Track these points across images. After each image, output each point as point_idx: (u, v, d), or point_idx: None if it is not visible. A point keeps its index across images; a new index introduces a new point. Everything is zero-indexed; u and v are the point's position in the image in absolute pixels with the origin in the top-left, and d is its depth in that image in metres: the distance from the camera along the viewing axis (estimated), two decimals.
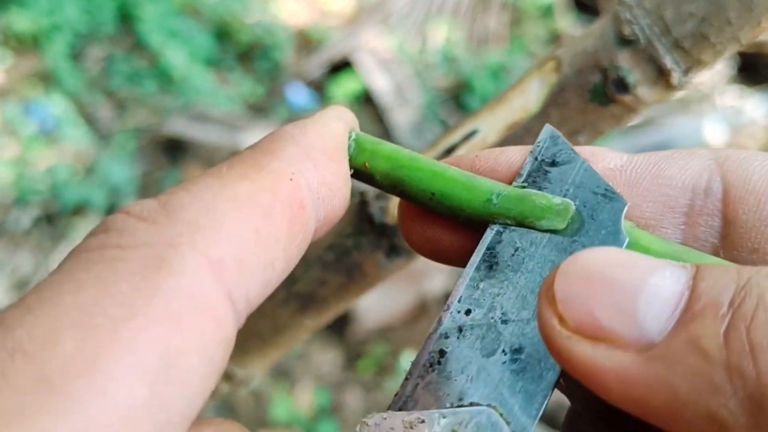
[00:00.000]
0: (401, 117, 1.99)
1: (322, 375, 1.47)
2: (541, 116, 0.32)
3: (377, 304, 1.49)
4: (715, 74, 2.11)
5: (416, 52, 2.24)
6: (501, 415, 0.19)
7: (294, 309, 0.37)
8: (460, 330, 0.20)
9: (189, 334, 0.16)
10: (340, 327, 1.52)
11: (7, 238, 1.68)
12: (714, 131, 1.96)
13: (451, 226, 0.24)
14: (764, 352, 0.15)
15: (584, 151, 0.23)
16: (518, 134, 0.32)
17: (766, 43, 2.03)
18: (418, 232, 0.24)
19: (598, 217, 0.21)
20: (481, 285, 0.21)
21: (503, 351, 0.20)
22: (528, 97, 0.32)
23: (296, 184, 0.20)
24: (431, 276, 1.52)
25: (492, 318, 0.20)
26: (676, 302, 0.17)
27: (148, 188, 1.83)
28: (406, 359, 1.46)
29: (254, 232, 0.18)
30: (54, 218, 1.73)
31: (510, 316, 0.20)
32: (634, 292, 0.17)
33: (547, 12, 2.35)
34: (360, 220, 0.35)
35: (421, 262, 0.36)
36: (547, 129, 0.23)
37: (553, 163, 0.22)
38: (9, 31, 2.05)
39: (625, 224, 0.21)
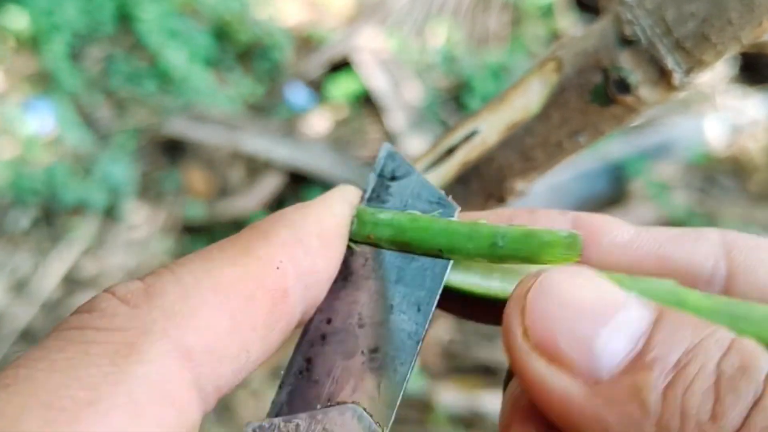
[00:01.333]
0: (401, 117, 1.99)
1: None
2: (542, 116, 0.32)
3: None
4: (716, 74, 2.11)
5: (416, 52, 2.24)
6: (364, 409, 0.20)
7: None
8: (323, 338, 0.22)
9: (148, 422, 0.16)
10: None
11: (6, 238, 1.68)
12: (715, 131, 1.96)
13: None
14: (691, 420, 0.16)
15: (596, 220, 0.23)
16: (519, 135, 0.32)
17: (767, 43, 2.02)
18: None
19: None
20: (340, 294, 0.23)
21: (362, 352, 0.22)
22: (529, 98, 0.32)
23: (282, 273, 0.20)
24: None
25: (350, 323, 0.22)
26: (631, 345, 0.18)
27: (147, 188, 1.83)
28: None
29: (230, 320, 0.18)
30: (53, 218, 1.73)
31: (365, 320, 0.22)
32: (597, 327, 0.18)
33: (548, 12, 2.35)
34: None
35: None
36: (386, 147, 0.25)
37: (393, 178, 0.24)
38: (8, 30, 2.05)
39: (670, 282, 0.21)
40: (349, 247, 0.23)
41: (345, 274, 0.23)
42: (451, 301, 0.24)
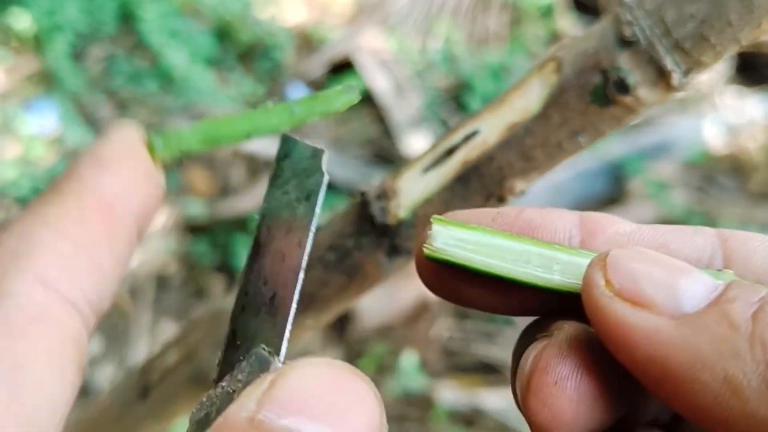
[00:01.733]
0: (401, 117, 1.99)
1: None
2: (542, 117, 0.32)
3: (378, 303, 1.49)
4: (715, 74, 2.11)
5: (416, 52, 2.24)
6: (269, 352, 0.23)
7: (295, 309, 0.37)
8: (243, 308, 0.25)
9: (33, 339, 0.18)
10: (340, 326, 1.52)
11: None
12: (713, 131, 1.96)
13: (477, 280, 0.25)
14: None
15: (600, 216, 0.25)
16: (519, 135, 0.33)
17: (766, 43, 2.02)
18: (441, 283, 0.26)
19: (309, 171, 0.26)
20: (254, 267, 0.25)
21: (264, 304, 0.24)
22: (529, 98, 0.32)
23: (97, 192, 0.22)
24: None
25: (258, 286, 0.24)
26: (711, 290, 0.20)
27: None
28: (407, 358, 1.47)
29: (71, 241, 0.21)
30: None
31: (268, 278, 0.24)
32: (677, 276, 0.20)
33: (547, 12, 2.35)
34: (361, 220, 0.35)
35: None
36: (281, 135, 0.27)
37: (285, 156, 0.26)
38: (10, 30, 2.05)
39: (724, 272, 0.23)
40: (264, 227, 0.25)
41: (255, 249, 0.25)
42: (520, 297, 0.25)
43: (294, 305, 0.24)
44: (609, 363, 0.21)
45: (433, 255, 0.24)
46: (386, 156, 1.91)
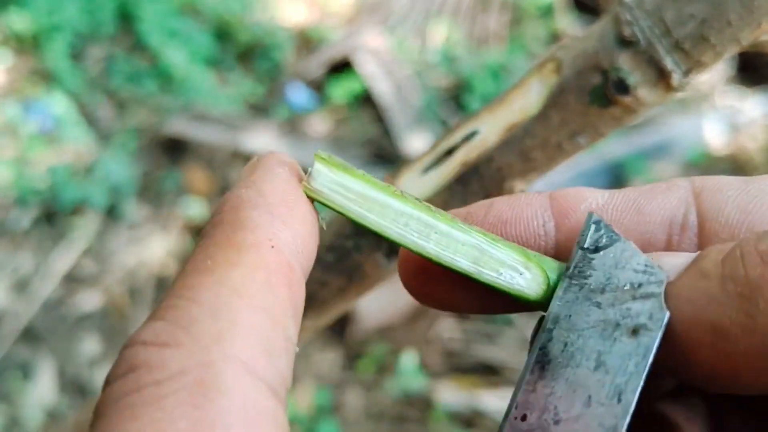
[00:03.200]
0: (401, 117, 1.99)
1: (323, 375, 1.47)
2: (542, 117, 0.32)
3: (377, 304, 1.49)
4: (715, 74, 2.11)
5: (416, 52, 2.24)
6: None
7: None
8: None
9: None
10: (340, 327, 1.52)
11: (7, 237, 1.68)
12: (714, 131, 1.96)
13: (452, 281, 0.24)
14: (751, 255, 0.18)
15: (567, 193, 0.24)
16: (518, 135, 0.32)
17: (766, 42, 2.02)
18: (421, 287, 0.25)
19: (639, 293, 0.21)
20: (537, 386, 0.21)
21: None
22: (528, 99, 0.32)
23: (278, 249, 0.20)
24: None
25: (545, 420, 0.20)
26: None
27: (148, 188, 1.83)
28: (407, 359, 1.47)
29: (267, 315, 0.18)
30: (54, 218, 1.73)
31: (561, 415, 0.20)
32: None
33: (547, 12, 2.35)
34: None
35: None
36: (590, 217, 0.23)
37: (596, 249, 0.22)
38: (9, 30, 2.05)
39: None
40: (548, 330, 0.22)
41: (542, 363, 0.21)
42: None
43: None
44: None
45: (311, 195, 0.23)
46: (386, 156, 1.91)
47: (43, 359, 1.48)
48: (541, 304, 0.22)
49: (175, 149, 1.91)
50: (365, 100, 2.08)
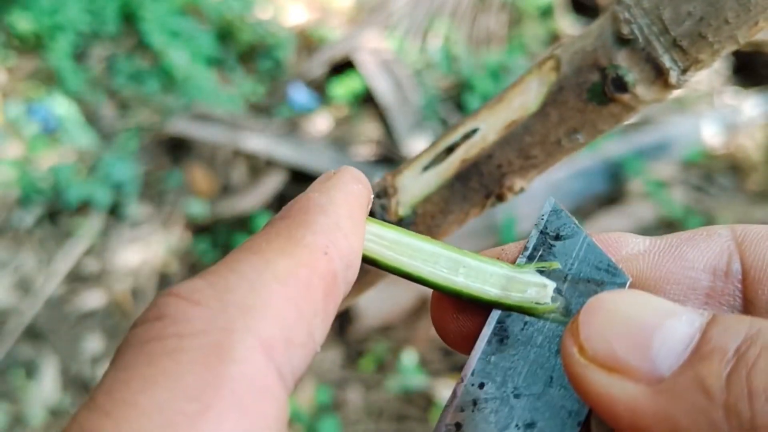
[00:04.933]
0: (401, 116, 1.99)
1: (323, 372, 1.48)
2: (541, 115, 0.32)
3: (378, 302, 1.49)
4: (714, 73, 2.11)
5: (416, 52, 2.24)
6: None
7: None
8: (474, 403, 0.21)
9: (255, 419, 0.17)
10: (341, 325, 1.52)
11: (11, 236, 1.69)
12: (712, 130, 1.96)
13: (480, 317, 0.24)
14: (759, 397, 0.16)
15: (609, 238, 0.24)
16: (518, 133, 0.33)
17: (765, 42, 2.03)
18: (449, 327, 0.25)
19: (602, 291, 0.22)
20: (493, 359, 0.22)
21: (516, 425, 0.20)
22: (527, 96, 0.32)
23: (330, 257, 0.20)
24: None
25: (504, 392, 0.21)
26: (687, 342, 0.18)
27: (150, 187, 1.84)
28: (407, 357, 1.47)
29: (296, 308, 0.19)
30: (57, 217, 1.74)
31: (521, 390, 0.21)
32: (650, 330, 0.18)
33: (546, 12, 2.35)
34: None
35: None
36: (550, 201, 0.24)
37: (558, 237, 0.23)
38: (12, 30, 2.05)
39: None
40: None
41: (501, 337, 0.22)
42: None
43: None
44: None
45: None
46: (386, 156, 1.91)
47: (46, 357, 1.48)
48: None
49: (177, 148, 1.91)
50: (366, 99, 2.08)
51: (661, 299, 0.19)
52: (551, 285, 0.22)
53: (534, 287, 0.22)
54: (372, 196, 0.24)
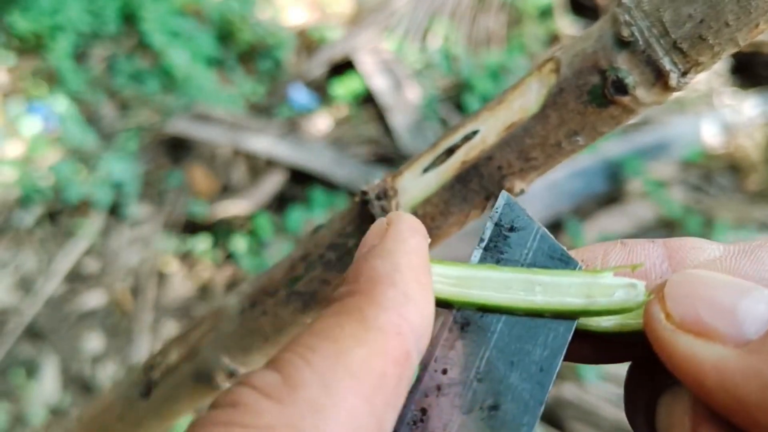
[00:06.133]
0: (401, 116, 1.99)
1: None
2: (541, 117, 0.32)
3: None
4: (713, 74, 2.11)
5: (416, 52, 2.24)
6: None
7: (296, 308, 0.38)
8: (438, 388, 0.22)
9: None
10: None
11: (11, 236, 1.69)
12: (711, 130, 1.97)
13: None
14: None
15: (686, 243, 0.24)
16: (518, 135, 0.33)
17: (764, 43, 2.03)
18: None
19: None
20: (456, 344, 0.22)
21: (480, 408, 0.21)
22: (527, 98, 0.32)
23: (403, 337, 0.20)
24: None
25: (467, 377, 0.21)
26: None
27: (150, 187, 1.84)
28: None
29: (369, 405, 0.19)
30: (57, 217, 1.74)
31: (483, 375, 0.21)
32: (735, 299, 0.20)
33: (546, 13, 2.35)
34: (361, 219, 0.35)
35: None
36: (503, 195, 0.24)
37: (512, 229, 0.23)
38: (12, 30, 2.05)
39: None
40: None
41: (462, 324, 0.22)
42: (582, 347, 0.24)
43: None
44: None
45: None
46: (386, 156, 1.91)
47: (47, 356, 1.48)
48: None
49: (177, 148, 1.91)
50: (366, 99, 2.08)
51: (741, 279, 0.21)
52: (640, 283, 0.22)
53: (621, 289, 0.22)
54: (429, 240, 0.23)
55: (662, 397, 0.23)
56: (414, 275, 0.21)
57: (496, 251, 0.23)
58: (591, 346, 0.25)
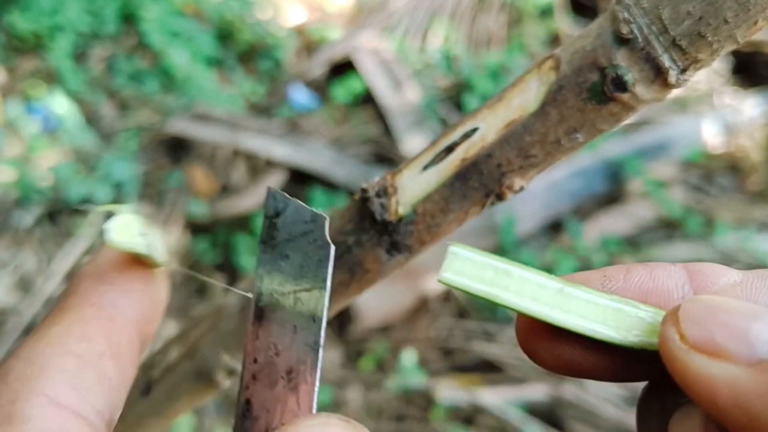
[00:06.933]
0: (401, 116, 1.99)
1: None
2: (540, 114, 0.32)
3: (378, 302, 1.49)
4: (713, 73, 2.11)
5: (416, 52, 2.25)
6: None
7: None
8: (254, 377, 0.24)
9: None
10: (340, 325, 1.52)
11: (11, 236, 1.69)
12: (711, 131, 1.97)
13: (578, 343, 0.25)
14: None
15: (706, 267, 0.25)
16: (517, 132, 0.33)
17: (764, 42, 2.03)
18: (543, 351, 0.26)
19: (311, 238, 0.26)
20: (259, 333, 0.25)
21: (281, 377, 0.24)
22: (527, 96, 0.32)
23: (98, 306, 0.23)
24: (431, 275, 1.52)
25: (269, 356, 0.24)
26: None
27: (150, 187, 1.84)
28: (407, 356, 1.47)
29: (76, 358, 0.22)
30: (57, 217, 1.74)
31: (280, 348, 0.24)
32: (749, 321, 0.20)
33: (546, 12, 2.35)
34: (361, 216, 0.35)
35: (421, 261, 0.36)
36: (267, 190, 0.26)
37: (277, 215, 0.26)
38: (12, 30, 2.05)
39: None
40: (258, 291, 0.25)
41: (258, 314, 0.25)
42: (597, 362, 0.25)
43: (317, 383, 0.24)
44: None
45: (446, 284, 0.24)
46: (386, 155, 1.91)
47: None
48: None
49: (176, 148, 1.92)
50: (366, 99, 2.08)
51: (754, 304, 0.21)
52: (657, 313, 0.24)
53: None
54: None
55: (674, 415, 0.23)
56: (109, 267, 0.25)
57: (270, 239, 0.26)
58: (608, 361, 0.25)
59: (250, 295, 0.26)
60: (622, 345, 0.23)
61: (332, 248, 0.24)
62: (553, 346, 0.25)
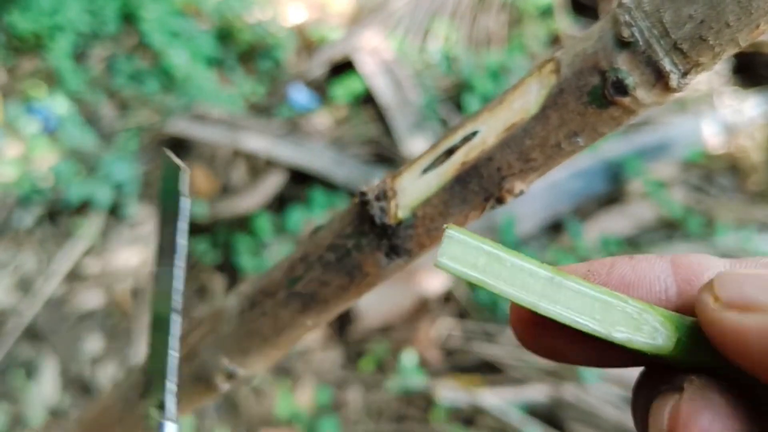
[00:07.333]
0: (401, 116, 1.99)
1: (323, 373, 1.48)
2: (541, 118, 0.32)
3: (378, 303, 1.49)
4: (714, 74, 2.11)
5: (416, 52, 2.24)
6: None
7: (295, 309, 0.38)
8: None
9: None
10: (341, 326, 1.52)
11: (11, 236, 1.69)
12: (712, 131, 1.96)
13: (568, 333, 0.25)
14: None
15: (692, 258, 0.26)
16: (518, 136, 0.33)
17: (765, 43, 2.03)
18: (531, 337, 0.26)
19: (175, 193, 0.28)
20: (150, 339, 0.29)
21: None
22: (527, 99, 0.32)
23: None
24: (431, 276, 1.52)
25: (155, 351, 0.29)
26: None
27: (150, 187, 1.84)
28: (407, 357, 1.47)
29: None
30: (57, 217, 1.74)
31: (151, 347, 0.30)
32: None
33: (547, 12, 2.35)
34: (360, 220, 0.35)
35: (422, 261, 0.36)
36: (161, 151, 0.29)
37: (164, 175, 0.31)
38: (12, 30, 2.05)
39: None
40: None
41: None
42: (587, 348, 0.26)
43: (173, 353, 0.26)
44: (744, 410, 0.22)
45: (442, 268, 0.24)
46: (386, 156, 1.91)
47: (46, 357, 1.48)
48: (674, 357, 0.24)
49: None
50: (366, 100, 2.08)
51: None
52: (664, 330, 0.24)
53: (649, 328, 0.24)
54: None
55: (653, 403, 0.24)
56: None
57: (168, 224, 0.29)
58: (595, 349, 0.25)
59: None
60: (605, 339, 0.23)
61: (187, 202, 0.27)
62: (541, 333, 0.25)
